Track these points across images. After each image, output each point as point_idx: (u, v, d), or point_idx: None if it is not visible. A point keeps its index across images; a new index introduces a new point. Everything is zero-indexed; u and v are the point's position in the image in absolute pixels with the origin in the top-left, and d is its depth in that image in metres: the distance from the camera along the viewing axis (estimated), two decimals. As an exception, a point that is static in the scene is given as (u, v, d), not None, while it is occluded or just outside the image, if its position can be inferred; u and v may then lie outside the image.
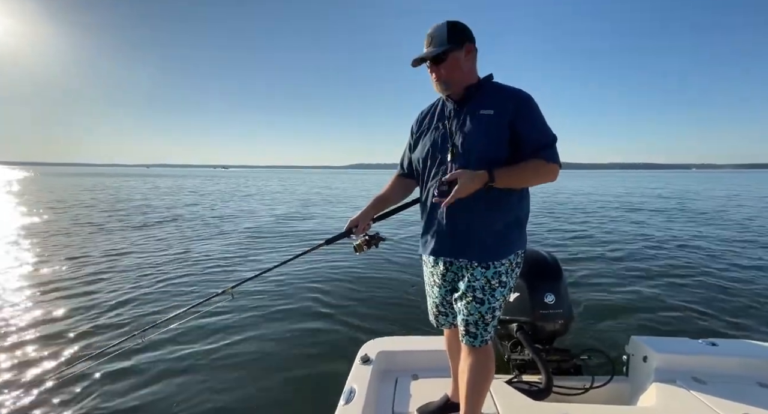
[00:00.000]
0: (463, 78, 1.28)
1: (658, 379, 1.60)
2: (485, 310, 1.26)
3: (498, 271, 1.26)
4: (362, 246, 1.55)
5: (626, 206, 13.16)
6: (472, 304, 1.26)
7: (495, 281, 1.25)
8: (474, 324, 1.27)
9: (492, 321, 1.28)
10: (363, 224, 1.50)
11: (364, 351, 1.82)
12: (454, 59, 1.25)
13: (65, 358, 2.62)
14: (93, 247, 6.11)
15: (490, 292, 1.25)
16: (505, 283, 1.27)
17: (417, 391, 1.65)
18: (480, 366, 1.31)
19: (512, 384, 1.68)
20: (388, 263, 5.06)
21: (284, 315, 3.34)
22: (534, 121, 1.24)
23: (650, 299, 3.72)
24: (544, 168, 1.22)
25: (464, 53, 1.27)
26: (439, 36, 1.24)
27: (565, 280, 2.00)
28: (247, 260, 5.45)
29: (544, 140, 1.23)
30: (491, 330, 1.30)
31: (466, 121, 1.27)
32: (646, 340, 1.78)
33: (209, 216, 10.37)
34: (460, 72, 1.27)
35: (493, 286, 1.25)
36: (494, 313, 1.28)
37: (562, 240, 6.87)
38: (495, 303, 1.26)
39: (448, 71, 1.26)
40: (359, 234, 1.52)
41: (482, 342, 1.29)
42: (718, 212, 11.39)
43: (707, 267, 4.94)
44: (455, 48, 1.25)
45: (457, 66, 1.26)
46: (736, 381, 1.59)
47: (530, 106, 1.25)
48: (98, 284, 4.17)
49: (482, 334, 1.28)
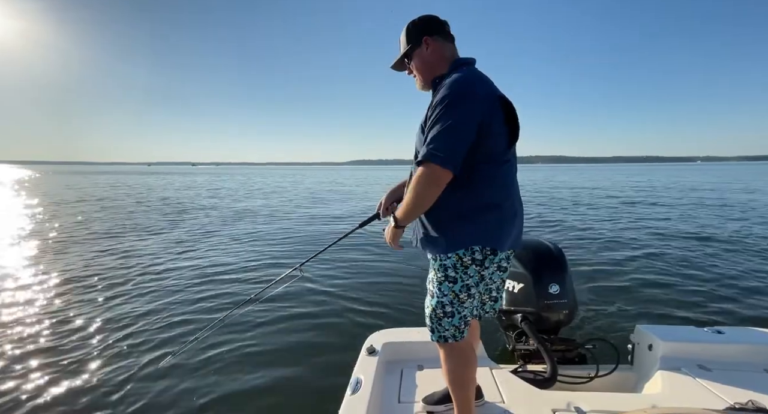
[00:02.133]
0: (431, 71, 1.28)
1: (663, 367, 1.60)
2: (434, 304, 1.25)
3: (443, 265, 1.22)
4: None
5: (629, 198, 13.11)
6: (427, 297, 1.31)
7: (440, 274, 1.23)
8: (428, 317, 1.29)
9: (444, 317, 1.24)
10: (386, 204, 1.54)
11: (370, 342, 1.84)
12: (417, 57, 1.30)
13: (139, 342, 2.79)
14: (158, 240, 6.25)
15: (437, 285, 1.24)
16: (453, 278, 1.21)
17: (422, 381, 1.66)
18: (448, 363, 1.30)
19: (517, 373, 1.69)
20: (396, 253, 5.08)
21: (292, 308, 3.37)
22: (432, 114, 1.13)
23: (654, 288, 3.72)
24: (418, 178, 1.11)
25: (425, 48, 1.27)
26: (402, 40, 1.32)
27: (570, 271, 2.00)
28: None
29: (428, 137, 1.12)
30: (448, 327, 1.25)
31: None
32: (652, 329, 1.78)
33: (259, 210, 10.45)
34: (424, 66, 1.29)
35: (439, 279, 1.23)
36: (445, 309, 1.23)
37: (565, 231, 6.87)
38: (443, 298, 1.23)
39: (416, 69, 1.32)
40: (385, 216, 1.57)
41: (440, 338, 1.27)
42: (723, 202, 11.33)
43: (712, 255, 4.95)
44: (416, 46, 1.29)
45: (420, 62, 1.30)
46: (742, 368, 1.58)
47: (439, 98, 1.13)
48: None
49: (437, 329, 1.27)
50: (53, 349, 2.69)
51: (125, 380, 2.32)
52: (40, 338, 2.84)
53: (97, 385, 2.27)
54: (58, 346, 2.73)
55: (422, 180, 1.12)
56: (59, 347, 2.72)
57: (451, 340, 1.26)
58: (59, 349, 2.69)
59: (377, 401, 1.49)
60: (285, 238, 6.79)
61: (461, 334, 1.27)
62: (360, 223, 1.69)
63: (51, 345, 2.74)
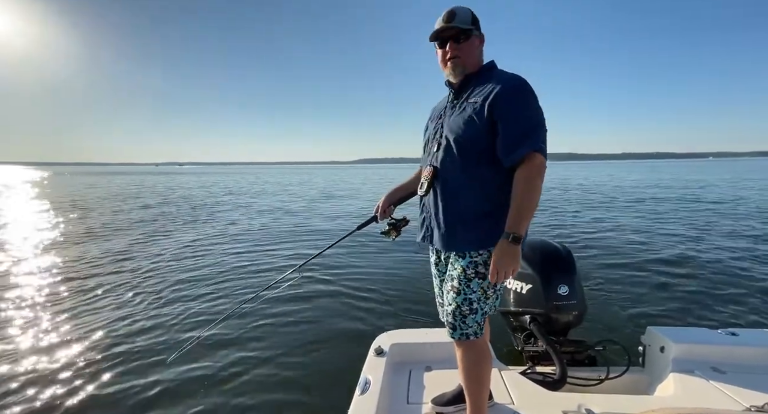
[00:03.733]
0: (473, 63, 1.29)
1: (676, 370, 1.58)
2: (461, 301, 1.24)
3: (474, 261, 1.23)
4: (390, 231, 1.62)
5: (639, 196, 12.91)
6: (450, 294, 1.27)
7: (471, 271, 1.23)
8: (452, 314, 1.27)
9: (470, 314, 1.24)
10: (384, 207, 1.57)
11: (378, 343, 1.84)
12: (473, 42, 1.27)
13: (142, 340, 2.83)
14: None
15: (466, 283, 1.24)
16: (483, 275, 1.22)
17: (431, 382, 1.66)
18: (467, 360, 1.30)
19: (526, 375, 1.68)
20: (403, 254, 5.09)
21: (298, 308, 3.39)
22: (513, 107, 1.15)
23: (665, 289, 3.66)
24: (527, 170, 1.12)
25: (479, 40, 1.30)
26: (464, 14, 1.25)
27: (579, 272, 1.98)
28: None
29: (519, 130, 1.14)
30: (471, 324, 1.25)
31: (456, 111, 1.28)
32: (664, 330, 1.76)
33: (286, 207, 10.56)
34: (473, 56, 1.29)
35: (468, 277, 1.23)
36: (471, 306, 1.24)
37: (575, 231, 6.78)
38: (471, 295, 1.23)
39: (466, 52, 1.26)
40: (382, 218, 1.60)
41: (462, 335, 1.26)
42: (736, 201, 11.08)
43: (724, 256, 4.83)
44: (476, 31, 1.27)
45: (473, 49, 1.28)
46: (757, 371, 1.55)
47: (513, 92, 1.16)
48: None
49: (461, 327, 1.26)
50: (44, 348, 2.74)
51: (120, 380, 2.35)
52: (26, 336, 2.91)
53: (98, 386, 2.30)
54: (52, 346, 2.77)
55: (538, 171, 1.13)
56: (52, 346, 2.76)
57: (473, 337, 1.27)
58: (52, 348, 2.73)
59: (386, 402, 1.49)
60: (288, 237, 6.83)
61: (481, 331, 1.28)
62: (358, 225, 1.70)
63: (42, 344, 2.79)
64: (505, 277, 1.14)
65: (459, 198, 1.25)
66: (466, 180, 1.23)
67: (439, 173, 1.29)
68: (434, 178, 1.30)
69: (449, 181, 1.27)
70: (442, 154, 1.28)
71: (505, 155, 1.16)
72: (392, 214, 1.63)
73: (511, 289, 2.04)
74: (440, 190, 1.28)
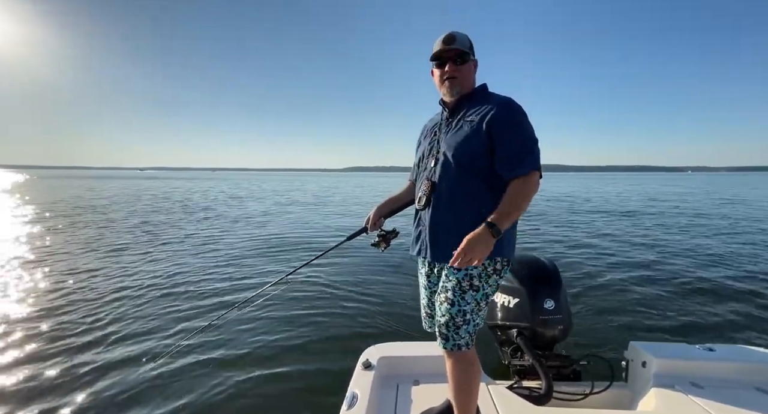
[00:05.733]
0: (468, 85, 1.36)
1: (657, 385, 1.62)
2: (455, 312, 1.27)
3: (469, 274, 1.26)
4: (380, 243, 1.65)
5: (623, 210, 13.21)
6: (444, 305, 1.30)
7: (465, 283, 1.26)
8: (445, 325, 1.29)
9: (463, 325, 1.27)
10: (374, 219, 1.61)
11: (366, 356, 1.83)
12: (470, 65, 1.35)
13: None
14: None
15: (460, 294, 1.26)
16: (477, 287, 1.27)
17: (418, 396, 1.66)
18: (457, 371, 1.32)
19: (513, 389, 1.69)
20: (391, 266, 5.08)
21: (285, 319, 3.34)
22: (510, 127, 1.24)
23: (648, 304, 3.74)
24: (526, 184, 1.21)
25: (473, 64, 1.37)
26: (463, 39, 1.33)
27: (564, 286, 2.02)
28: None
29: (518, 148, 1.22)
30: (464, 335, 1.28)
31: (452, 128, 1.34)
32: (645, 346, 1.80)
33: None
34: (469, 78, 1.36)
35: (463, 288, 1.26)
36: (465, 317, 1.27)
37: (560, 246, 6.88)
38: (465, 306, 1.26)
39: (463, 73, 1.33)
40: (372, 230, 1.64)
41: (454, 346, 1.28)
42: (715, 215, 11.46)
43: (703, 272, 4.96)
44: (472, 56, 1.35)
45: (470, 71, 1.35)
46: (733, 386, 1.60)
47: (509, 112, 1.25)
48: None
49: (453, 338, 1.28)
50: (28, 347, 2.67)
51: (95, 380, 2.36)
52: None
53: (89, 387, 2.28)
54: (38, 345, 2.71)
55: (534, 188, 1.22)
56: (39, 345, 2.70)
57: (464, 348, 1.29)
58: (39, 347, 2.68)
59: None
60: (275, 247, 6.75)
61: (472, 342, 1.31)
62: (348, 236, 1.73)
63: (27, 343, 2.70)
64: (468, 263, 1.12)
65: (456, 212, 1.29)
66: (463, 195, 1.28)
67: (437, 188, 1.33)
68: (432, 193, 1.33)
69: (446, 196, 1.31)
70: (440, 169, 1.32)
71: (507, 171, 1.23)
72: (382, 226, 1.66)
73: (498, 303, 2.07)
74: (438, 204, 1.32)
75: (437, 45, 1.33)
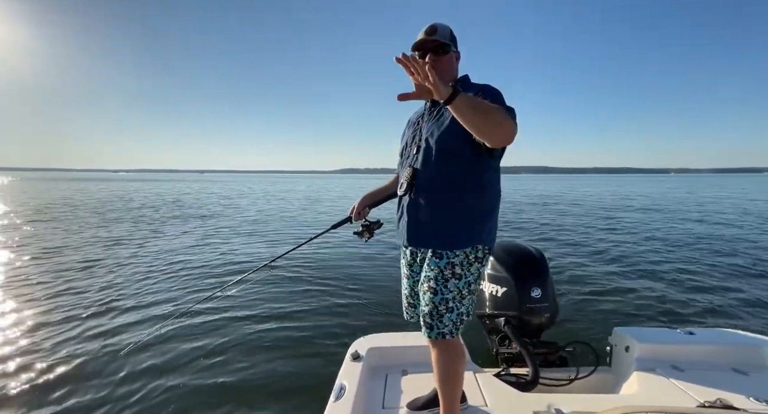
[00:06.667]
0: (449, 76, 1.36)
1: (639, 368, 1.65)
2: (438, 301, 1.27)
3: (451, 262, 1.27)
4: (363, 232, 1.65)
5: (608, 206, 13.53)
6: (427, 294, 1.30)
7: (448, 272, 1.26)
8: (429, 314, 1.29)
9: (446, 313, 1.27)
10: (359, 209, 1.62)
11: (355, 348, 1.83)
12: (451, 57, 1.35)
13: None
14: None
15: (443, 283, 1.27)
16: (459, 275, 1.27)
17: (407, 386, 1.66)
18: (442, 359, 1.32)
19: (500, 377, 1.71)
20: (378, 257, 5.09)
21: (273, 311, 3.31)
22: (492, 94, 1.22)
23: (631, 291, 3.84)
24: (504, 115, 1.08)
25: (456, 56, 1.38)
26: (444, 30, 1.33)
27: (551, 275, 2.04)
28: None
29: (502, 106, 1.18)
30: (447, 323, 1.28)
31: (434, 116, 1.35)
32: (628, 331, 1.84)
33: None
34: (449, 70, 1.36)
35: (446, 277, 1.26)
36: (447, 305, 1.27)
37: (546, 236, 7.03)
38: (448, 294, 1.26)
39: (443, 64, 1.33)
40: (356, 219, 1.64)
41: (438, 335, 1.28)
42: (693, 210, 11.85)
43: (684, 259, 5.18)
44: (454, 48, 1.35)
45: (450, 63, 1.35)
46: (712, 368, 1.65)
47: (491, 88, 1.27)
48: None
49: (437, 326, 1.28)
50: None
51: (76, 374, 2.32)
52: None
53: (55, 381, 2.23)
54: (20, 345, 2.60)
55: (510, 120, 1.09)
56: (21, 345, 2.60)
57: (449, 337, 1.29)
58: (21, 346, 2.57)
59: (361, 408, 1.47)
60: (259, 236, 6.75)
61: (457, 331, 1.30)
62: (332, 225, 1.74)
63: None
64: (415, 72, 0.99)
65: (437, 199, 1.29)
66: (445, 182, 1.28)
67: (419, 174, 1.33)
68: (414, 179, 1.34)
69: (428, 183, 1.31)
70: (422, 156, 1.32)
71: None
72: (366, 216, 1.66)
73: (486, 292, 2.09)
74: (419, 190, 1.32)
75: (419, 35, 1.35)
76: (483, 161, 1.25)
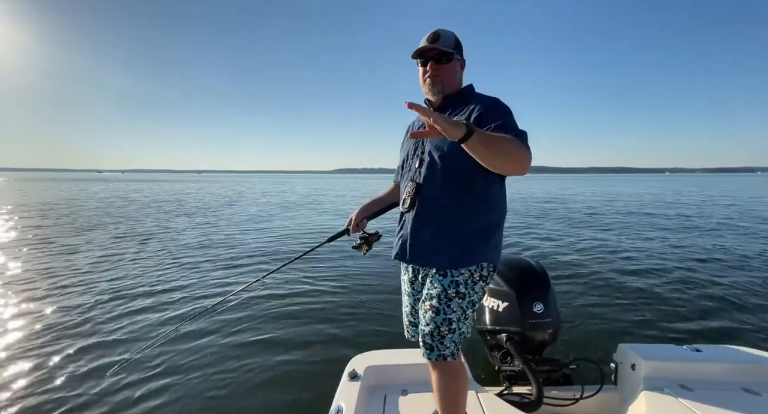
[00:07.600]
0: (452, 85, 1.31)
1: (646, 388, 1.60)
2: (440, 321, 1.21)
3: (455, 281, 1.21)
4: (362, 245, 1.60)
5: (609, 212, 13.44)
6: (428, 313, 1.24)
7: (451, 291, 1.21)
8: (429, 335, 1.23)
9: (449, 334, 1.21)
10: (356, 221, 1.56)
11: (352, 366, 1.77)
12: (455, 65, 1.30)
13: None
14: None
15: (446, 302, 1.21)
16: (463, 294, 1.21)
17: (406, 407, 1.60)
18: (443, 382, 1.26)
19: (503, 396, 1.66)
20: (376, 270, 5.00)
21: (265, 328, 3.22)
22: (501, 117, 1.16)
23: (635, 306, 3.76)
24: (520, 147, 1.05)
25: (460, 64, 1.33)
26: (448, 38, 1.27)
27: (553, 289, 1.99)
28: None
29: (513, 132, 1.11)
30: (449, 344, 1.21)
31: None
32: (634, 348, 1.79)
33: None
34: (453, 78, 1.30)
35: (449, 296, 1.21)
36: (450, 326, 1.21)
37: (548, 248, 6.95)
38: (451, 315, 1.21)
39: (447, 74, 1.28)
40: (354, 232, 1.59)
41: (439, 356, 1.22)
42: (698, 217, 11.77)
43: (689, 273, 5.04)
44: (458, 55, 1.30)
45: (454, 71, 1.30)
46: (721, 387, 1.60)
47: (498, 106, 1.20)
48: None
49: (438, 348, 1.22)
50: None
51: (60, 388, 2.27)
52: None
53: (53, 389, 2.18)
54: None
55: (525, 149, 1.05)
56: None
57: (450, 358, 1.22)
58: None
59: None
60: (253, 249, 6.62)
61: (458, 352, 1.25)
62: (329, 237, 1.68)
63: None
64: (425, 115, 0.92)
65: (441, 215, 1.24)
66: (449, 198, 1.23)
67: (422, 190, 1.27)
68: (416, 195, 1.28)
69: (432, 198, 1.26)
70: (425, 170, 1.27)
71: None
72: (365, 228, 1.61)
73: (487, 307, 2.03)
74: (422, 206, 1.27)
75: (422, 42, 1.29)
76: (489, 176, 1.20)
